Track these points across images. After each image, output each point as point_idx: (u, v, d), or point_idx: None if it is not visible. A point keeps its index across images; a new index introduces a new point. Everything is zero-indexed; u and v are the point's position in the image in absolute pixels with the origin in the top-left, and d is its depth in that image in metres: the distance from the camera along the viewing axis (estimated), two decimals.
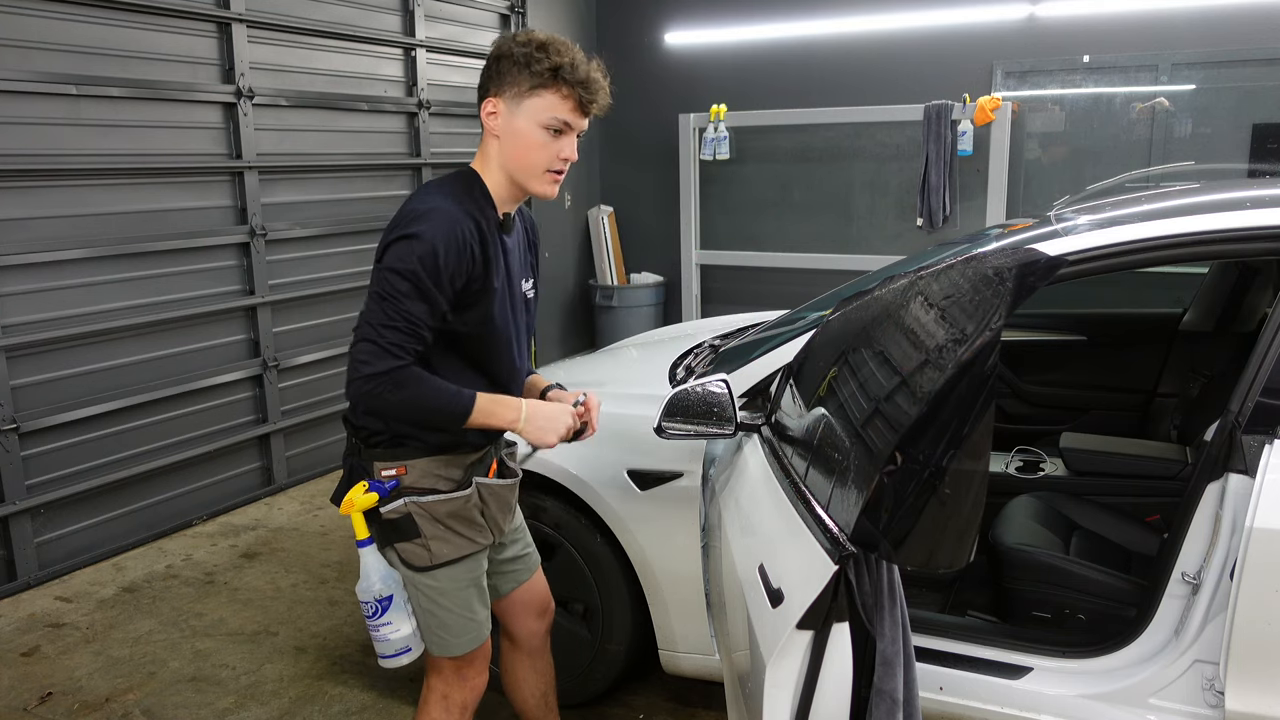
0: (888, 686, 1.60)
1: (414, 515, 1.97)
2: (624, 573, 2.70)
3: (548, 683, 2.44)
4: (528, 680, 2.38)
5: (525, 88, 1.87)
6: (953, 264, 2.02)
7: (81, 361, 4.05)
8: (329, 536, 4.36)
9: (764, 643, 1.70)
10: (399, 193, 5.67)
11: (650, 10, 7.19)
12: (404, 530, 1.98)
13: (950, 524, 1.50)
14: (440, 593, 2.02)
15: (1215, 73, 5.70)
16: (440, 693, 2.12)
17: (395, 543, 2.00)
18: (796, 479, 1.96)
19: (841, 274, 5.51)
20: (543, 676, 2.42)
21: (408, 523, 1.97)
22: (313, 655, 3.32)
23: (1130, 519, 2.88)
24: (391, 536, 1.99)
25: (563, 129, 1.91)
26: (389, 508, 1.97)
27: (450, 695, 2.12)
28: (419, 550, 1.99)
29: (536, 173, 1.94)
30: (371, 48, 5.39)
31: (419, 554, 1.99)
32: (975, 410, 1.54)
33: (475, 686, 2.14)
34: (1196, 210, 2.33)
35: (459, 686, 2.12)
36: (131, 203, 4.18)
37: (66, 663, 3.30)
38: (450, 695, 2.12)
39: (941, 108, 6.07)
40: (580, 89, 1.88)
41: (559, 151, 1.93)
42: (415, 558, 1.99)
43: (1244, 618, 1.84)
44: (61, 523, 4.03)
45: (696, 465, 2.56)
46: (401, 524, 1.97)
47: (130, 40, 4.13)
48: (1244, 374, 2.04)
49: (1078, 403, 3.66)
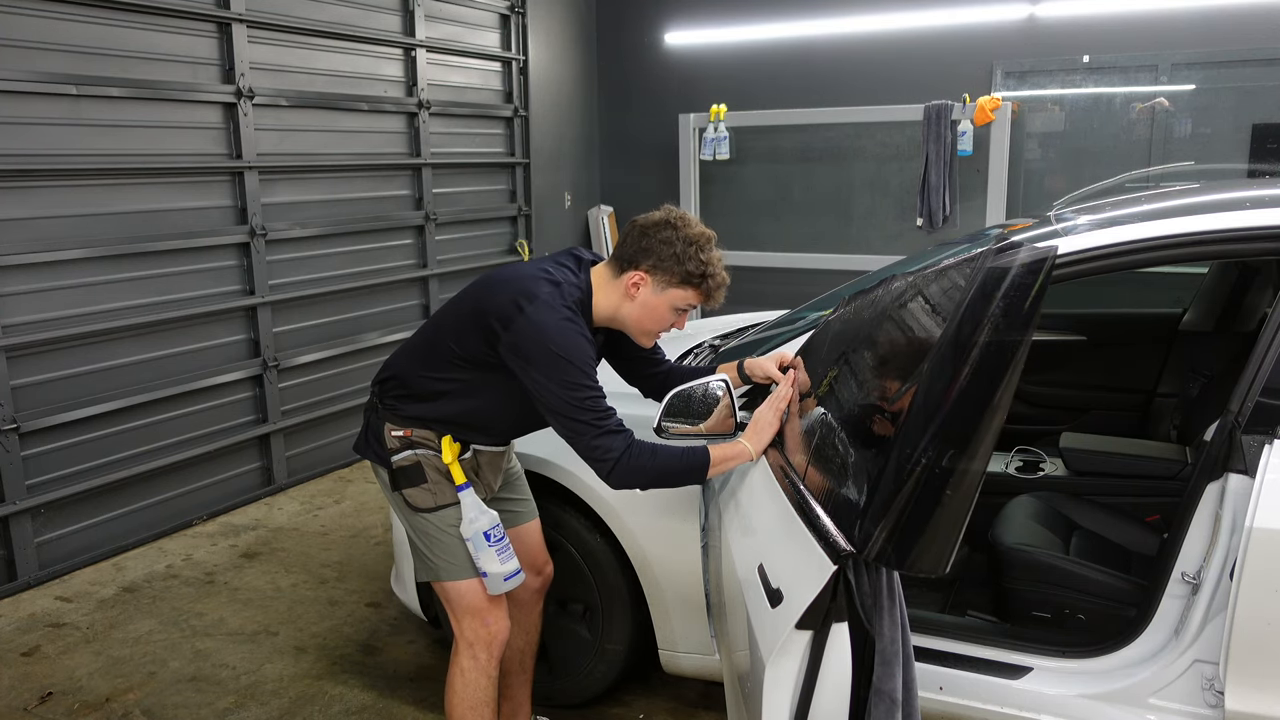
0: (887, 686, 1.60)
1: (422, 464, 2.28)
2: (624, 573, 2.70)
3: (528, 642, 2.63)
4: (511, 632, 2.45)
5: (676, 281, 2.18)
6: (953, 264, 2.03)
7: (81, 361, 4.05)
8: (329, 536, 4.36)
9: (763, 642, 1.70)
10: (399, 193, 5.67)
11: (650, 10, 7.19)
12: (412, 477, 2.28)
13: (938, 526, 1.49)
14: (441, 530, 2.29)
15: (1215, 73, 5.69)
16: (467, 640, 2.33)
17: (404, 488, 2.29)
18: (796, 479, 1.96)
19: (841, 274, 5.50)
20: (525, 634, 2.61)
21: (416, 470, 2.28)
22: (313, 655, 3.32)
23: (1130, 519, 2.88)
24: (401, 482, 2.29)
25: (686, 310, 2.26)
26: (399, 457, 2.28)
27: (476, 642, 2.32)
28: (424, 494, 2.28)
29: (651, 335, 2.31)
30: (371, 48, 5.39)
31: (424, 497, 2.28)
32: (980, 411, 1.53)
33: (497, 631, 2.34)
34: (1196, 210, 2.33)
35: (483, 631, 2.32)
36: (131, 203, 4.18)
37: (66, 663, 3.30)
38: (476, 642, 2.32)
39: (941, 108, 6.07)
40: (715, 290, 2.21)
41: (676, 322, 2.27)
42: (420, 500, 2.28)
43: (1244, 618, 1.84)
44: (61, 523, 4.03)
45: None
46: (410, 471, 2.28)
47: (130, 40, 4.12)
48: (1244, 374, 2.04)
49: (1078, 403, 3.66)
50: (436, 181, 5.90)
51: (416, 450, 2.28)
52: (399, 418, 2.30)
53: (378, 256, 5.54)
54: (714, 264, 2.20)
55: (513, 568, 2.30)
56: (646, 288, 2.20)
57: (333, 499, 4.84)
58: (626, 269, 2.21)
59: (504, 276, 2.25)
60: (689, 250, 2.17)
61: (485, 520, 2.27)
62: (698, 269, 2.17)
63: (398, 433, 2.29)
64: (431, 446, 2.29)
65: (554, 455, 2.68)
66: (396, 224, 5.65)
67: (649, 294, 2.21)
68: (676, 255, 2.17)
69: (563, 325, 2.10)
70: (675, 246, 2.17)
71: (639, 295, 2.21)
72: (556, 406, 2.10)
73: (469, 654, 2.33)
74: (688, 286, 2.20)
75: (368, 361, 5.40)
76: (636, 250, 2.20)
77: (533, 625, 2.64)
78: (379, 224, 5.50)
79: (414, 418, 2.29)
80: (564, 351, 2.07)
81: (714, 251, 2.21)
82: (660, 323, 2.26)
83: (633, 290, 2.21)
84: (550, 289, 2.15)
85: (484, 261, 6.32)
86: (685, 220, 2.22)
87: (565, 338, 2.08)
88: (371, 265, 5.49)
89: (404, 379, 2.31)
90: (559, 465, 2.70)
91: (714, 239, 2.23)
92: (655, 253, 2.18)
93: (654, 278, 2.19)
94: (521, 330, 2.08)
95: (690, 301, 2.23)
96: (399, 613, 3.57)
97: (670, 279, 2.19)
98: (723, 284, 2.23)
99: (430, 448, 2.29)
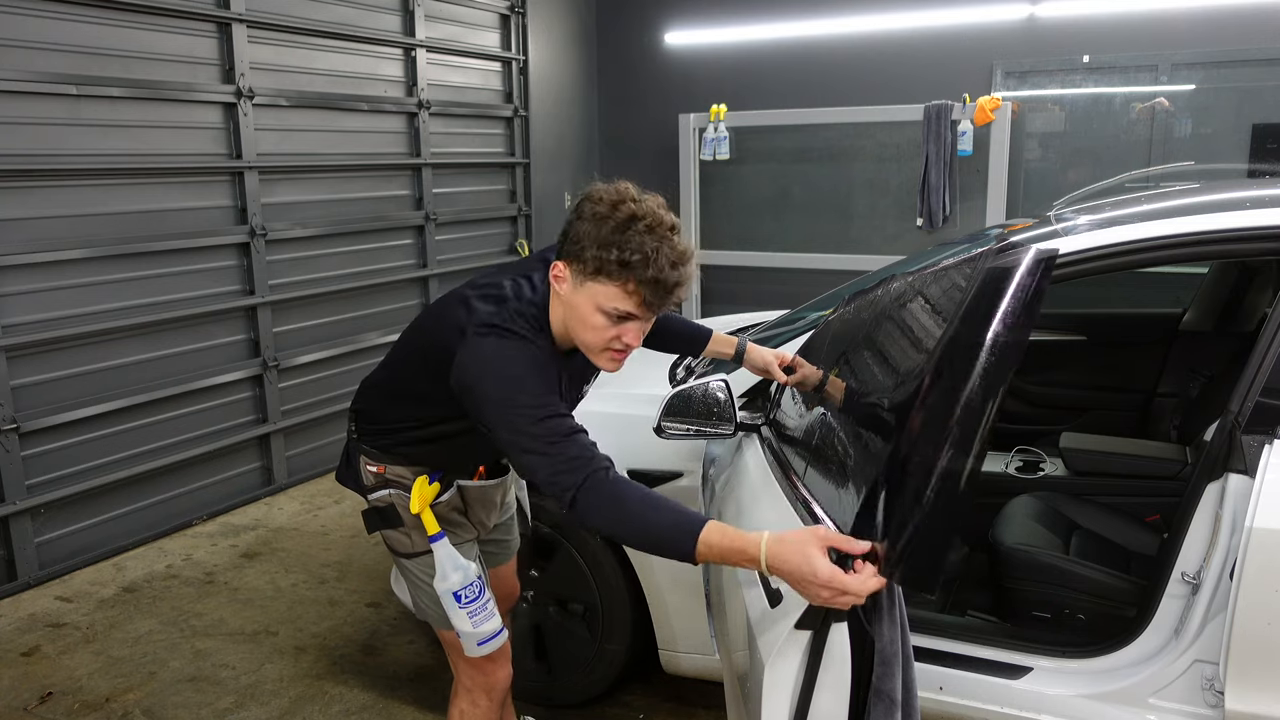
0: (886, 687, 1.59)
1: (395, 505, 2.04)
2: (624, 573, 2.70)
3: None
4: None
5: (589, 269, 1.67)
6: (953, 264, 2.02)
7: (81, 361, 4.05)
8: (329, 536, 4.36)
9: (763, 643, 1.70)
10: (399, 193, 5.67)
11: (650, 10, 7.19)
12: (389, 518, 2.06)
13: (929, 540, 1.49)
14: (418, 578, 2.08)
15: (1215, 73, 5.69)
16: (465, 686, 2.18)
17: (382, 529, 2.08)
18: (796, 479, 1.96)
19: (841, 274, 5.50)
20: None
21: (391, 511, 2.05)
22: (313, 655, 3.32)
23: (1130, 519, 2.88)
24: (378, 523, 2.08)
25: (626, 317, 1.71)
26: (375, 495, 2.06)
27: (475, 689, 2.17)
28: (402, 538, 2.06)
29: (594, 350, 1.78)
30: (371, 48, 5.39)
31: (402, 541, 2.07)
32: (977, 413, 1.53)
33: (497, 679, 2.17)
34: (1196, 210, 2.33)
35: (481, 679, 2.16)
36: (131, 203, 4.18)
37: (66, 663, 3.30)
38: (475, 689, 2.17)
39: (941, 108, 6.07)
40: (648, 288, 1.65)
41: (620, 335, 1.74)
42: (399, 544, 2.08)
43: (1244, 618, 1.84)
44: (61, 523, 4.03)
45: (696, 465, 2.56)
46: (387, 512, 2.05)
47: (130, 40, 4.12)
48: (1244, 374, 2.04)
49: (1078, 403, 3.66)
50: (436, 181, 5.90)
51: (391, 490, 2.02)
52: (374, 450, 2.05)
53: (378, 256, 5.54)
54: (646, 251, 1.63)
55: (489, 630, 2.00)
56: (565, 282, 1.73)
57: (333, 499, 4.84)
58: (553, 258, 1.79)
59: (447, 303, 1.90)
60: (605, 228, 1.65)
61: (457, 578, 1.96)
62: (623, 255, 1.63)
63: (372, 468, 2.05)
64: (406, 486, 2.01)
65: None
66: (396, 224, 5.65)
67: (570, 290, 1.73)
68: (590, 233, 1.66)
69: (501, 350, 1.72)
70: (603, 227, 1.66)
71: (563, 292, 1.75)
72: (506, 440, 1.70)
73: (468, 699, 2.17)
74: (605, 278, 1.66)
75: (368, 361, 5.40)
76: (563, 231, 1.75)
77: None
78: (379, 224, 5.50)
79: (386, 450, 2.03)
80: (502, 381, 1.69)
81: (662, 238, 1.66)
82: (593, 332, 1.73)
83: (556, 285, 1.76)
84: (490, 310, 1.78)
85: (484, 261, 6.33)
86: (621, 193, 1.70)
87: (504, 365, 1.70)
88: (371, 265, 5.49)
89: (371, 414, 2.06)
90: None
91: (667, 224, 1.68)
92: (573, 233, 1.71)
93: (571, 267, 1.71)
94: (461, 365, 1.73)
95: (616, 302, 1.68)
96: (399, 613, 3.57)
97: (584, 267, 1.68)
98: (662, 281, 1.64)
99: (405, 488, 2.01)
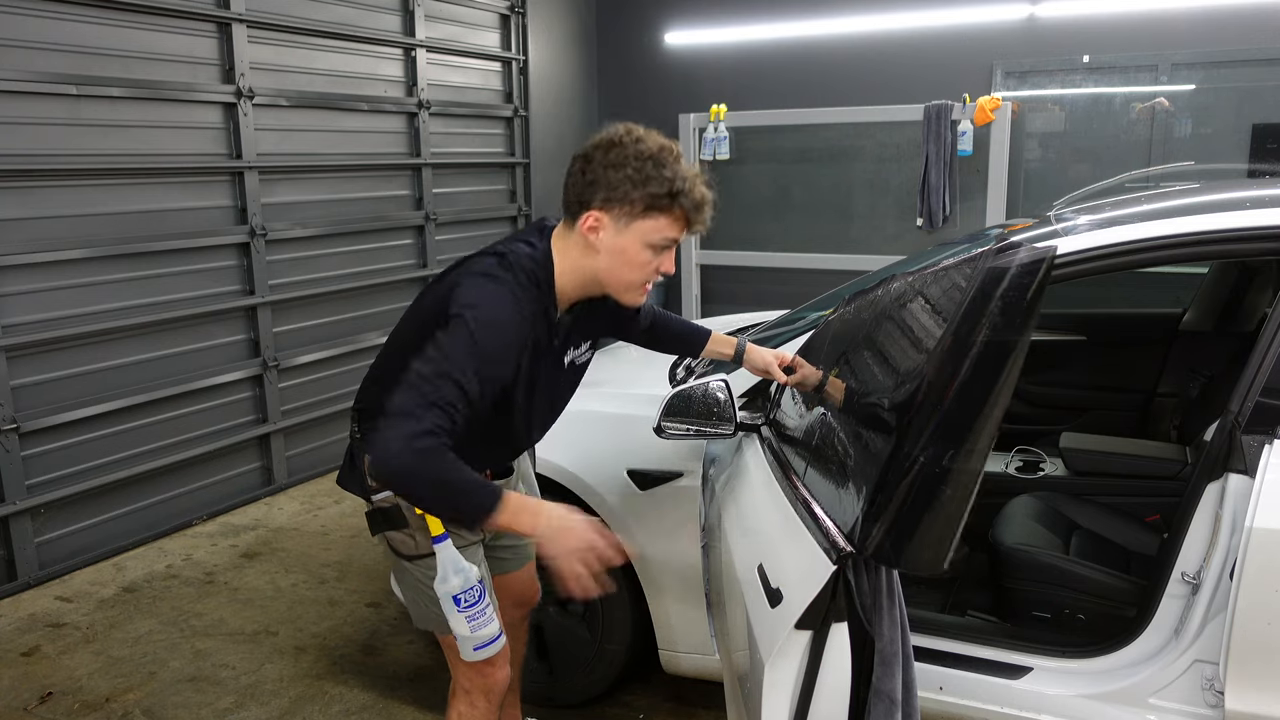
0: (886, 687, 1.59)
1: (400, 506, 2.00)
2: (624, 572, 2.70)
3: (514, 663, 2.48)
4: None
5: (639, 208, 1.79)
6: (953, 264, 2.02)
7: (81, 361, 4.05)
8: (329, 536, 4.36)
9: (763, 643, 1.70)
10: (399, 193, 5.67)
11: (650, 10, 7.19)
12: (393, 519, 2.02)
13: (937, 525, 1.49)
14: (419, 580, 2.05)
15: (1215, 73, 5.69)
16: (463, 688, 2.16)
17: (386, 530, 2.04)
18: (796, 479, 1.96)
19: (841, 274, 5.50)
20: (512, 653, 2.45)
21: (396, 512, 2.01)
22: (313, 655, 3.32)
23: (1130, 519, 2.88)
24: (382, 524, 2.04)
25: (667, 245, 1.85)
26: (379, 496, 2.02)
27: (473, 690, 2.15)
28: (406, 539, 2.02)
29: (634, 288, 1.89)
30: (371, 48, 5.39)
31: (406, 543, 2.03)
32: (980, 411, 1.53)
33: (496, 681, 2.16)
34: (1196, 210, 2.33)
35: (479, 681, 2.15)
36: (131, 203, 4.18)
37: (66, 663, 3.30)
38: (473, 690, 2.15)
39: (941, 108, 6.07)
40: (693, 211, 1.82)
41: (659, 266, 1.87)
42: (403, 546, 2.04)
43: (1244, 618, 1.84)
44: (61, 523, 4.03)
45: (696, 465, 2.56)
46: (391, 513, 2.01)
47: (130, 40, 4.12)
48: (1244, 374, 2.04)
49: (1078, 403, 3.66)
50: (436, 181, 5.89)
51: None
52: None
53: (378, 256, 5.54)
54: (685, 177, 1.80)
55: (487, 635, 1.98)
56: (607, 229, 1.82)
57: (333, 499, 4.84)
58: (579, 213, 1.83)
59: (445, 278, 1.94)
60: (645, 168, 1.77)
61: (458, 582, 1.94)
62: (664, 188, 1.77)
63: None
64: None
65: (553, 455, 2.67)
66: (396, 224, 5.65)
67: (612, 236, 1.81)
68: (631, 177, 1.77)
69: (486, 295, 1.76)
70: (627, 168, 1.77)
71: (602, 241, 1.82)
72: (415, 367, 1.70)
73: (466, 700, 2.15)
74: (657, 213, 1.79)
75: (368, 361, 5.34)
76: (583, 186, 1.81)
77: (517, 647, 2.50)
78: (379, 224, 5.50)
79: None
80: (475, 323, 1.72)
81: (682, 164, 1.81)
82: (639, 269, 1.84)
83: (592, 237, 1.83)
84: (490, 261, 1.84)
85: None
86: (634, 134, 1.80)
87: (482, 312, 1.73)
88: (371, 265, 5.49)
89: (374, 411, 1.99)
90: (560, 465, 2.70)
91: (676, 151, 1.82)
92: (604, 182, 1.79)
93: (611, 213, 1.80)
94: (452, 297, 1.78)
95: (666, 232, 1.81)
96: (399, 613, 3.56)
97: (633, 209, 1.79)
98: (703, 202, 1.82)
99: None
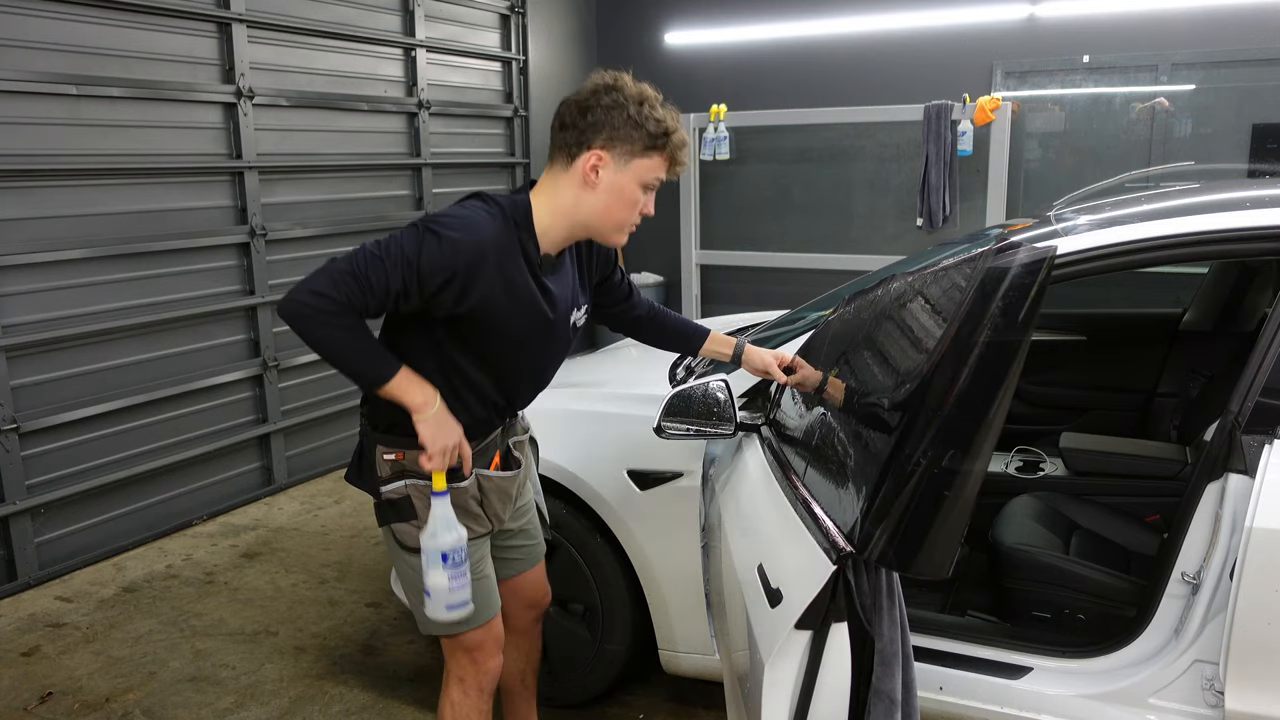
0: (886, 687, 1.60)
1: (412, 497, 2.02)
2: (624, 573, 2.70)
3: (529, 664, 2.51)
4: (509, 656, 2.40)
5: (639, 147, 1.92)
6: (953, 264, 2.02)
7: (81, 361, 4.05)
8: (329, 536, 4.36)
9: (762, 643, 1.70)
10: (399, 193, 5.67)
11: (650, 10, 7.19)
12: (402, 511, 2.03)
13: (939, 528, 1.49)
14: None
15: (1215, 73, 5.69)
16: (456, 675, 2.18)
17: (393, 523, 2.06)
18: (796, 479, 1.96)
19: (841, 274, 5.51)
20: (525, 656, 2.49)
21: (406, 504, 2.03)
22: (313, 655, 3.32)
23: (1130, 519, 2.88)
24: (390, 516, 2.06)
25: (655, 186, 1.99)
26: (389, 488, 2.03)
27: (466, 678, 2.17)
28: (413, 531, 2.02)
29: (623, 227, 2.02)
30: (371, 48, 5.39)
31: (412, 534, 2.02)
32: (981, 411, 1.53)
33: (488, 670, 2.18)
34: (1196, 210, 2.33)
35: (472, 670, 2.16)
36: (131, 203, 4.18)
37: (66, 663, 3.30)
38: (466, 678, 2.17)
39: (941, 108, 6.07)
40: (677, 151, 1.96)
41: (645, 206, 2.01)
42: (410, 538, 2.04)
43: (1244, 618, 1.84)
44: (61, 523, 4.03)
45: (696, 465, 2.56)
46: (400, 505, 2.03)
47: (130, 40, 4.12)
48: (1244, 374, 2.04)
49: (1078, 403, 3.66)
50: (436, 181, 5.90)
51: (408, 481, 2.02)
52: (390, 436, 2.03)
53: None
54: (672, 120, 1.95)
55: (460, 598, 1.98)
56: (608, 167, 1.93)
57: (333, 499, 4.84)
58: (579, 153, 1.93)
59: None
60: (643, 110, 1.91)
61: (450, 539, 1.94)
62: (659, 128, 1.92)
63: (389, 455, 2.03)
64: (424, 475, 2.00)
65: (553, 455, 2.67)
66: (397, 224, 5.63)
67: (612, 174, 1.93)
68: (632, 118, 1.90)
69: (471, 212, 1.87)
70: (628, 109, 1.90)
71: (601, 179, 1.94)
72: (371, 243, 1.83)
73: (459, 688, 2.18)
74: (653, 152, 1.94)
75: None
76: (584, 127, 1.92)
77: (533, 648, 2.50)
78: (379, 224, 5.50)
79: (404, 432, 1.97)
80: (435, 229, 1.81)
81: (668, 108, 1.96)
82: (630, 207, 1.98)
83: (592, 176, 1.93)
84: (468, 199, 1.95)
85: None
86: (621, 80, 1.94)
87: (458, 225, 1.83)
88: None
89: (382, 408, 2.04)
90: (560, 466, 2.70)
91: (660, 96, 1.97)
92: (607, 123, 1.90)
93: (613, 152, 1.92)
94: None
95: (657, 172, 1.97)
96: (399, 613, 3.57)
97: (633, 148, 1.92)
98: (684, 144, 1.97)
99: (423, 477, 2.01)
